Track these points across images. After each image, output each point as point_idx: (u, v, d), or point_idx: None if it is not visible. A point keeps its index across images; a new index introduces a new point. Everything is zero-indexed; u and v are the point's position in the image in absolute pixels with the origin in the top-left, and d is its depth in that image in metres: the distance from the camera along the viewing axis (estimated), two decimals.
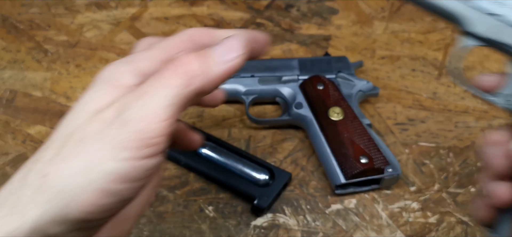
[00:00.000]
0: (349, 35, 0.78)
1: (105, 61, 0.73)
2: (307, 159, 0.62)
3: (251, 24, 0.79)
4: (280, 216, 0.57)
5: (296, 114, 0.63)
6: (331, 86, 0.64)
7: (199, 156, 0.61)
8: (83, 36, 0.77)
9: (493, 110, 0.67)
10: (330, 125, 0.60)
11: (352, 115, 0.61)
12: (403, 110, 0.68)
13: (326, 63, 0.68)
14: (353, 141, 0.59)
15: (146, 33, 0.78)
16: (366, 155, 0.57)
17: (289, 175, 0.59)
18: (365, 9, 0.82)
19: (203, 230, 0.56)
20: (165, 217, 0.57)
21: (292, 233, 0.56)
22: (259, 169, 0.60)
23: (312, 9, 0.82)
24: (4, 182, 0.31)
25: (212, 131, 0.65)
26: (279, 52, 0.75)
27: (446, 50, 0.75)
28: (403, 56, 0.74)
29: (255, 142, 0.64)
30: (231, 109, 0.68)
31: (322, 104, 0.62)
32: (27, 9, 0.81)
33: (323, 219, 0.57)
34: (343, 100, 0.63)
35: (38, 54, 0.74)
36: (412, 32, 0.78)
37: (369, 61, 0.74)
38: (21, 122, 0.66)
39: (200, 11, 0.81)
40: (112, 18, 0.80)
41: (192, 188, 0.60)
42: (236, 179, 0.59)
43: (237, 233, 0.56)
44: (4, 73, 0.72)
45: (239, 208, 0.58)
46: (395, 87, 0.70)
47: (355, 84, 0.65)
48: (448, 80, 0.71)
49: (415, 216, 0.57)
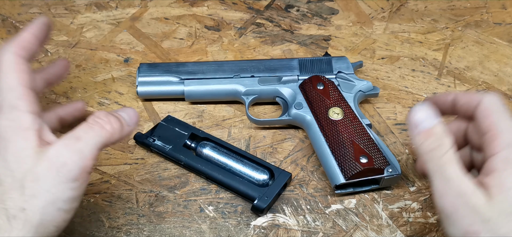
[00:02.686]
0: (349, 35, 0.78)
1: (105, 61, 0.73)
2: (307, 159, 0.62)
3: (251, 24, 0.79)
4: (280, 216, 0.57)
5: (296, 114, 0.63)
6: (331, 86, 0.64)
7: (199, 156, 0.61)
8: (83, 36, 0.77)
9: None
10: (330, 125, 0.60)
11: (352, 115, 0.61)
12: (403, 110, 0.68)
13: (326, 63, 0.68)
14: (353, 141, 0.59)
15: (146, 33, 0.78)
16: (366, 155, 0.57)
17: (289, 175, 0.59)
18: (365, 9, 0.82)
19: (203, 230, 0.56)
20: (165, 217, 0.57)
21: (292, 233, 0.56)
22: (259, 169, 0.60)
23: (312, 9, 0.82)
24: None
25: (212, 131, 0.65)
26: (279, 52, 0.75)
27: (446, 50, 0.75)
28: (403, 56, 0.74)
29: (255, 142, 0.64)
30: (231, 109, 0.68)
31: (322, 104, 0.62)
32: (27, 9, 0.81)
33: (323, 219, 0.57)
34: (343, 100, 0.63)
35: (38, 54, 0.74)
36: (412, 32, 0.78)
37: (369, 61, 0.74)
38: None
39: (200, 11, 0.81)
40: (112, 18, 0.80)
41: (192, 188, 0.60)
42: (236, 179, 0.59)
43: (237, 233, 0.56)
44: None
45: (239, 208, 0.58)
46: (395, 87, 0.70)
47: (355, 84, 0.65)
48: (448, 80, 0.71)
49: (415, 216, 0.57)
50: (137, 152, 0.63)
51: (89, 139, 0.46)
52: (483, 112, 0.50)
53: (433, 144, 0.48)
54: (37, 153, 0.45)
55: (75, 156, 0.45)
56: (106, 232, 0.56)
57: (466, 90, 0.70)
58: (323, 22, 0.80)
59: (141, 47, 0.76)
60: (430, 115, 0.49)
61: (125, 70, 0.72)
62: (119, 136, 0.49)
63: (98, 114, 0.48)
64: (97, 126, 0.47)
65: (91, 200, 0.59)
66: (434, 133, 0.49)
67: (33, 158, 0.44)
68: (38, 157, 0.44)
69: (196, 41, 0.77)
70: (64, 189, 0.44)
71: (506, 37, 0.77)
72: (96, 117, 0.48)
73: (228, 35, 0.78)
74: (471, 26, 0.79)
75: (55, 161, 0.44)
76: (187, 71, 0.67)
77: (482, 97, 0.51)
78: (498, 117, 0.49)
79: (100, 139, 0.47)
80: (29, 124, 0.46)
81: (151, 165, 0.62)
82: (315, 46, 0.76)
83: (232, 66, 0.68)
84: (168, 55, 0.75)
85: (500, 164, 0.47)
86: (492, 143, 0.48)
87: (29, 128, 0.46)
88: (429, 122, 0.49)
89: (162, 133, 0.63)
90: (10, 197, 0.43)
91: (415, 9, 0.82)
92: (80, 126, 0.47)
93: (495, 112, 0.49)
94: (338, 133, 0.59)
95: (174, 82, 0.67)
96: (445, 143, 0.48)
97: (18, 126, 0.46)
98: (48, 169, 0.44)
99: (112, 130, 0.48)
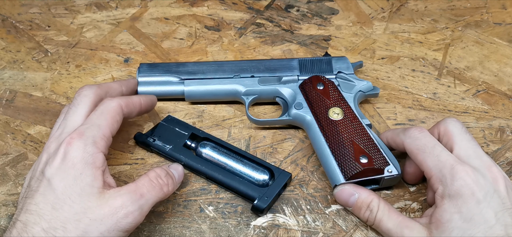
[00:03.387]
0: (349, 35, 0.78)
1: (105, 61, 0.73)
2: (307, 159, 0.62)
3: (251, 24, 0.79)
4: (280, 216, 0.57)
5: (296, 114, 0.63)
6: (331, 86, 0.64)
7: (199, 156, 0.61)
8: (83, 36, 0.77)
9: (493, 111, 0.68)
10: (330, 125, 0.60)
11: (352, 115, 0.61)
12: (403, 110, 0.68)
13: (326, 64, 0.68)
14: (353, 141, 0.59)
15: (146, 33, 0.78)
16: (366, 155, 0.57)
17: (289, 175, 0.59)
18: (365, 9, 0.82)
19: (203, 230, 0.56)
20: (165, 217, 0.57)
21: (292, 233, 0.56)
22: (259, 169, 0.60)
23: (312, 9, 0.82)
24: (4, 182, 0.32)
25: (212, 131, 0.65)
26: (279, 52, 0.75)
27: (446, 50, 0.75)
28: (403, 56, 0.74)
29: (255, 142, 0.64)
30: (231, 109, 0.68)
31: (322, 104, 0.62)
32: (27, 9, 0.81)
33: (323, 219, 0.57)
34: (343, 100, 0.63)
35: (38, 54, 0.74)
36: (412, 32, 0.78)
37: (369, 61, 0.74)
38: (21, 122, 0.66)
39: (200, 11, 0.81)
40: (112, 18, 0.80)
41: (192, 188, 0.60)
42: (236, 179, 0.59)
43: (237, 233, 0.56)
44: (4, 73, 0.72)
45: (239, 208, 0.58)
46: (395, 87, 0.70)
47: (355, 85, 0.65)
48: (448, 80, 0.71)
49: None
50: (137, 152, 0.63)
51: (150, 198, 0.50)
52: (411, 153, 0.55)
53: (366, 213, 0.54)
54: (100, 193, 0.48)
55: (136, 211, 0.48)
56: None
57: (466, 91, 0.70)
58: (323, 22, 0.80)
59: (141, 47, 0.76)
60: (351, 191, 0.55)
61: (125, 70, 0.72)
62: (167, 194, 0.53)
63: (159, 172, 0.52)
64: (158, 187, 0.51)
65: None
66: (361, 203, 0.54)
67: (97, 198, 0.48)
68: (101, 199, 0.48)
69: (196, 41, 0.77)
70: (115, 236, 0.47)
71: (506, 37, 0.77)
72: (158, 177, 0.52)
73: (228, 35, 0.78)
74: (471, 26, 0.79)
75: (118, 210, 0.47)
76: (187, 71, 0.67)
77: (404, 138, 0.56)
78: (424, 155, 0.53)
79: (157, 198, 0.51)
80: (101, 163, 0.50)
81: (151, 165, 0.62)
82: (315, 46, 0.76)
83: (232, 66, 0.68)
84: (168, 55, 0.75)
85: (438, 200, 0.51)
86: (429, 181, 0.53)
87: (99, 167, 0.49)
88: (353, 198, 0.55)
89: (162, 133, 0.63)
90: (64, 227, 0.46)
91: (415, 9, 0.82)
92: (144, 182, 0.50)
93: (420, 151, 0.54)
94: (338, 133, 0.59)
95: (174, 82, 0.67)
96: (373, 205, 0.54)
97: (92, 162, 0.49)
98: (110, 216, 0.47)
99: (168, 192, 0.52)
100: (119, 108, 0.55)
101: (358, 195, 0.54)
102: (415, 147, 0.54)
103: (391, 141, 0.58)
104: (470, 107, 0.68)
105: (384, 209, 0.53)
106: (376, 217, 0.53)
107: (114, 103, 0.55)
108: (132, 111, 0.58)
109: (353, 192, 0.55)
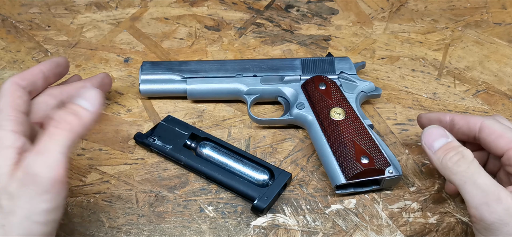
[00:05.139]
0: (349, 35, 0.78)
1: (105, 61, 0.73)
2: (307, 159, 0.62)
3: (251, 24, 0.79)
4: (280, 216, 0.57)
5: (297, 114, 0.63)
6: (333, 87, 0.64)
7: (199, 156, 0.61)
8: (83, 36, 0.77)
9: (493, 111, 0.68)
10: (331, 125, 0.60)
11: (353, 115, 0.61)
12: (403, 110, 0.68)
13: (329, 64, 0.67)
14: (354, 141, 0.59)
15: (146, 33, 0.78)
16: (367, 156, 0.57)
17: (289, 175, 0.59)
18: (365, 9, 0.82)
19: (203, 230, 0.56)
20: (165, 217, 0.57)
21: (292, 233, 0.56)
22: (259, 169, 0.60)
23: (312, 9, 0.82)
24: None
25: (212, 131, 0.65)
26: (279, 52, 0.75)
27: (446, 50, 0.75)
28: (403, 56, 0.74)
29: (255, 142, 0.64)
30: (231, 109, 0.68)
31: (324, 104, 0.62)
32: (27, 9, 0.81)
33: (323, 219, 0.57)
34: (345, 101, 0.63)
35: (38, 54, 0.74)
36: (412, 32, 0.78)
37: (369, 61, 0.74)
38: None
39: (200, 11, 0.81)
40: (112, 18, 0.80)
41: (192, 188, 0.60)
42: (236, 179, 0.59)
43: (237, 233, 0.56)
44: (4, 73, 0.72)
45: (239, 208, 0.58)
46: (395, 87, 0.70)
47: (357, 85, 0.65)
48: (448, 80, 0.71)
49: (415, 217, 0.57)
50: (137, 152, 0.63)
51: (52, 149, 0.46)
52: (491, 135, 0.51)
53: (455, 157, 0.49)
54: (13, 170, 0.45)
55: (43, 169, 0.45)
56: (106, 232, 0.56)
57: (466, 91, 0.70)
58: (323, 22, 0.80)
59: (141, 47, 0.76)
60: (443, 133, 0.51)
61: (125, 70, 0.72)
62: (84, 128, 0.48)
63: (54, 117, 0.48)
64: (56, 132, 0.47)
65: (91, 200, 0.58)
66: (453, 147, 0.50)
67: (8, 176, 0.45)
68: (12, 174, 0.45)
69: (196, 41, 0.77)
70: (37, 203, 0.44)
71: (506, 37, 0.77)
72: (53, 124, 0.47)
73: (228, 35, 0.78)
74: (471, 26, 0.79)
75: (25, 177, 0.45)
76: (189, 69, 0.67)
77: (483, 119, 0.52)
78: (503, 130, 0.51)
79: (62, 144, 0.46)
80: (11, 142, 0.47)
81: (151, 165, 0.62)
82: (315, 46, 0.76)
83: (235, 65, 0.68)
84: (168, 55, 0.75)
85: None
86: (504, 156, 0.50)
87: (9, 146, 0.46)
88: (444, 139, 0.50)
89: (162, 133, 0.63)
90: None
91: (415, 9, 0.82)
92: (41, 137, 0.46)
93: (498, 129, 0.51)
94: (340, 133, 0.59)
95: (176, 80, 0.67)
96: (467, 154, 0.49)
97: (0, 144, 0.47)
98: (20, 186, 0.45)
99: (71, 129, 0.47)
100: (13, 85, 0.51)
101: (453, 138, 0.50)
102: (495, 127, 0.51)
103: (459, 123, 0.54)
104: (470, 107, 0.68)
105: (479, 165, 0.48)
106: (470, 168, 0.48)
107: (7, 83, 0.51)
108: (34, 81, 0.54)
109: (447, 133, 0.51)
